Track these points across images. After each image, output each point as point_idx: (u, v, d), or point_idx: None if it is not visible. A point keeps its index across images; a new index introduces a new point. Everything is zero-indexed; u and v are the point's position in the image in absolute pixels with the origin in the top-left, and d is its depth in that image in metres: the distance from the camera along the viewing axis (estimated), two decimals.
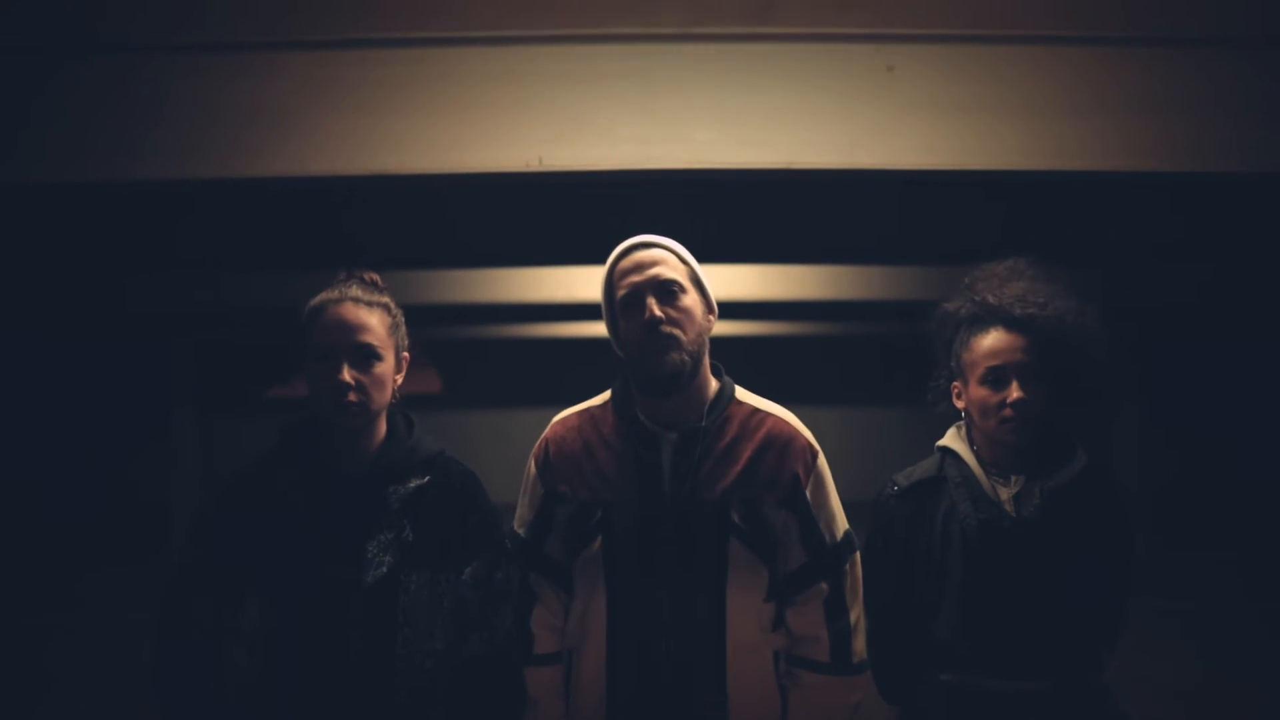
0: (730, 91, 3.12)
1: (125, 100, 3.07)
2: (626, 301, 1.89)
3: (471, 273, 6.64)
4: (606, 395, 2.00)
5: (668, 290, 1.87)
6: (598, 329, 2.10)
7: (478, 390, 11.65)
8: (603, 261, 2.02)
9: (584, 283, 6.49)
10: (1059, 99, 3.14)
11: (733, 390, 1.97)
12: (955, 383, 2.06)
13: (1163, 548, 7.36)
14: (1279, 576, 6.88)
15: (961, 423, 2.09)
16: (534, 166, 3.11)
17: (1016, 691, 1.93)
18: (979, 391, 1.99)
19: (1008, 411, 1.95)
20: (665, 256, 1.91)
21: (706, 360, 1.94)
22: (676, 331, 1.85)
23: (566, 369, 10.26)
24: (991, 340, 1.98)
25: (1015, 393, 1.94)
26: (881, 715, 2.13)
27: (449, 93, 3.13)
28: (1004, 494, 1.99)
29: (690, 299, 1.89)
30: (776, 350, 8.49)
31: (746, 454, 1.90)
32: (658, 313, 1.85)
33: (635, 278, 1.89)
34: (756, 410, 1.96)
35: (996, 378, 1.96)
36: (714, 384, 1.96)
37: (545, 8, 3.00)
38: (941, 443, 2.10)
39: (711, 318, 1.95)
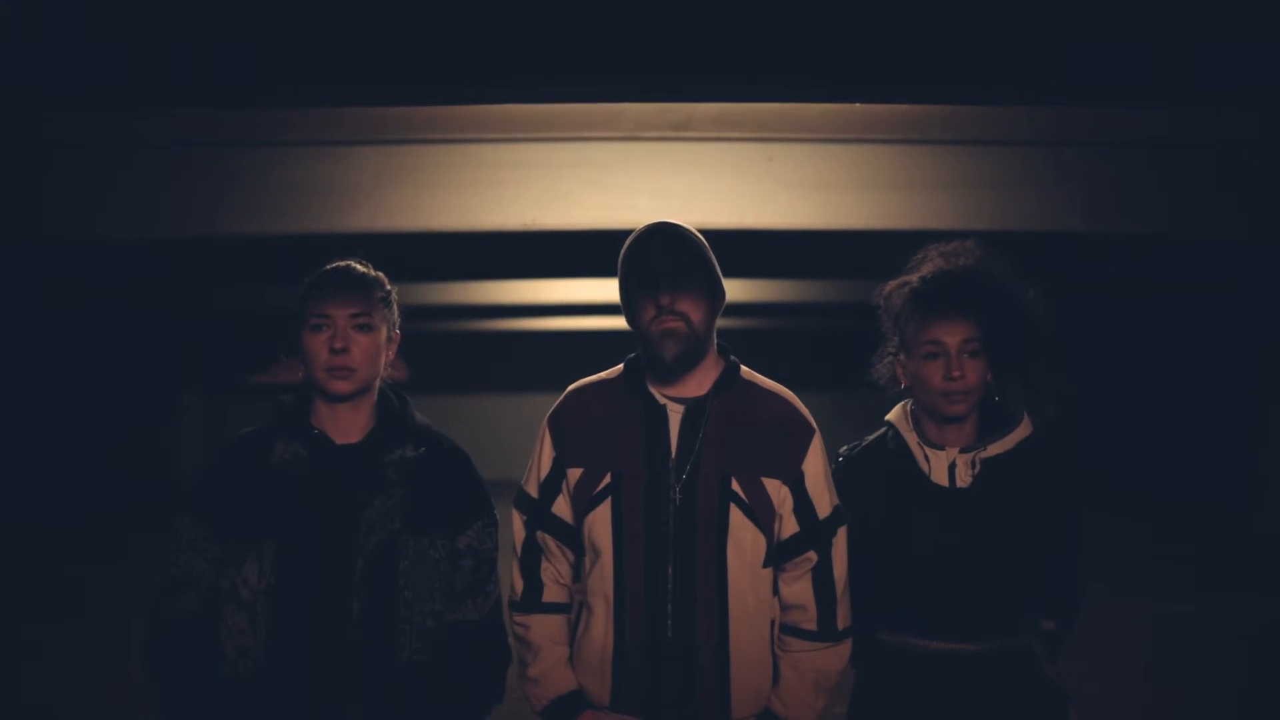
0: (662, 175, 4.57)
1: (253, 178, 4.49)
2: (637, 289, 1.91)
3: (473, 284, 8.25)
4: (620, 368, 2.02)
5: (677, 279, 1.88)
6: (561, 324, 3.02)
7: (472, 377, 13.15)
8: (565, 276, 2.80)
9: (548, 291, 8.19)
10: (886, 180, 4.63)
11: (738, 368, 1.98)
12: (900, 356, 2.08)
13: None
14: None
15: (909, 400, 2.11)
16: (528, 226, 4.56)
17: (948, 651, 1.98)
18: (920, 366, 2.00)
19: (947, 385, 1.97)
20: (676, 245, 1.91)
21: (714, 340, 1.96)
22: (680, 324, 1.87)
23: (541, 357, 11.78)
24: (935, 317, 1.99)
25: (954, 368, 1.96)
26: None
27: (469, 175, 4.53)
28: (939, 464, 2.02)
29: (699, 285, 1.90)
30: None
31: (749, 428, 1.92)
32: (664, 304, 1.87)
33: (646, 266, 1.90)
34: (760, 388, 1.98)
35: (938, 353, 1.98)
36: (721, 362, 1.97)
37: (536, 120, 4.32)
38: (888, 417, 2.13)
39: (720, 301, 1.97)
